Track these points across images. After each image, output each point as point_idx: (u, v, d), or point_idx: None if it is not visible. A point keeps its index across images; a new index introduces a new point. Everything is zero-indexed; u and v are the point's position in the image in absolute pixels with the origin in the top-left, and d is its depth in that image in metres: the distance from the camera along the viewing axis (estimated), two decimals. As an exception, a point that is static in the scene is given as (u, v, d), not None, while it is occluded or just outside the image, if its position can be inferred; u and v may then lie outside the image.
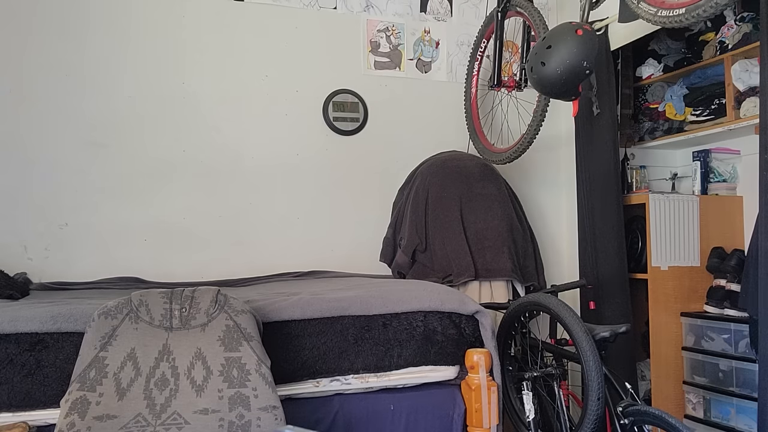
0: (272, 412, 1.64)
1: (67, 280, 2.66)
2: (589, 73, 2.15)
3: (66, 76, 2.78)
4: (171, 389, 1.61)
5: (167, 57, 2.94)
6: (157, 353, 1.66)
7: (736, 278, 2.89)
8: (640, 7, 1.91)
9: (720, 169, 3.31)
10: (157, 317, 1.71)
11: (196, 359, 1.65)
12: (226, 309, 1.78)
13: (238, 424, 1.59)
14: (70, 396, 1.56)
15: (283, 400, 1.74)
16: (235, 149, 3.02)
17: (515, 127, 3.17)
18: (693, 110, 3.16)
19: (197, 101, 2.97)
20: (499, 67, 2.86)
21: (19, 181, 2.70)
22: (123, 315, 1.70)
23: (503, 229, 2.85)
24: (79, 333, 1.70)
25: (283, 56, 3.12)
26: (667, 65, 3.33)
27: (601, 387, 1.92)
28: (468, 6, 3.46)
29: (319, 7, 3.20)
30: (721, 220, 3.19)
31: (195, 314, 1.74)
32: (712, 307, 2.98)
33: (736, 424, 2.74)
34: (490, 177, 3.00)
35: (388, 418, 1.91)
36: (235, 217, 2.98)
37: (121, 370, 1.62)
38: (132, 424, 1.55)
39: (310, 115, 3.15)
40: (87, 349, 1.64)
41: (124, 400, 1.58)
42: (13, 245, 2.67)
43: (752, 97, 2.79)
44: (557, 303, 2.17)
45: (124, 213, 2.83)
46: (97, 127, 2.82)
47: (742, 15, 2.89)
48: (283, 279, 2.86)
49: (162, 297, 1.76)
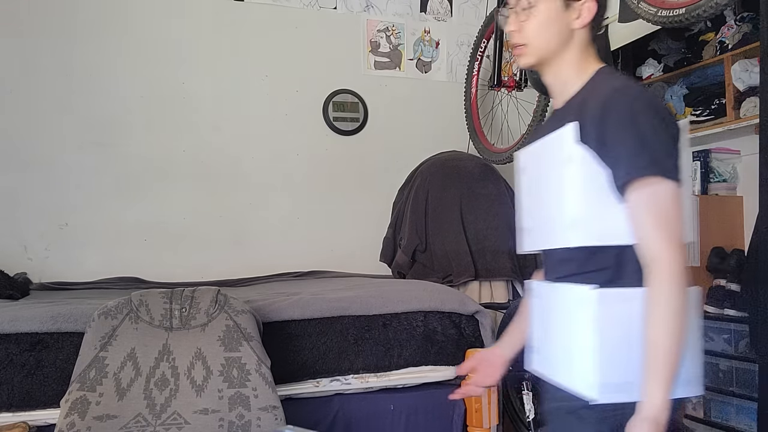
0: (272, 412, 1.64)
1: (67, 280, 2.66)
2: (589, 73, 2.15)
3: (66, 76, 2.78)
4: (171, 389, 1.61)
5: (167, 57, 2.94)
6: (157, 353, 1.66)
7: (736, 278, 2.89)
8: (640, 7, 1.91)
9: (720, 169, 3.31)
10: (157, 317, 1.71)
11: (196, 359, 1.65)
12: (226, 309, 1.78)
13: (238, 424, 1.59)
14: (70, 396, 1.56)
15: (283, 400, 1.73)
16: (235, 149, 3.02)
17: (515, 127, 3.16)
18: (693, 110, 3.16)
19: (197, 101, 2.97)
20: (499, 67, 2.86)
21: (19, 181, 2.70)
22: (123, 315, 1.70)
23: (503, 229, 2.85)
24: (79, 333, 1.70)
25: (283, 56, 3.12)
26: (667, 65, 3.32)
27: (601, 387, 1.92)
28: (468, 6, 3.46)
29: (319, 7, 3.20)
30: (721, 220, 3.18)
31: (195, 314, 1.74)
32: (712, 307, 2.97)
33: (736, 424, 2.74)
34: (490, 177, 3.00)
35: (388, 418, 1.91)
36: (235, 217, 2.98)
37: (121, 370, 1.61)
38: (132, 424, 1.55)
39: (310, 115, 3.15)
40: (87, 349, 1.64)
41: (124, 400, 1.58)
42: (13, 245, 2.67)
43: (752, 97, 2.79)
44: (557, 303, 2.17)
45: (124, 213, 2.83)
46: (97, 127, 2.82)
47: (742, 15, 2.88)
48: (283, 279, 2.86)
49: (162, 297, 1.76)
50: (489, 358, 1.48)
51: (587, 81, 1.20)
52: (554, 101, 1.29)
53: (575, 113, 1.15)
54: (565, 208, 1.15)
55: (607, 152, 1.09)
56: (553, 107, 1.31)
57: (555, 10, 1.19)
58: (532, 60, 1.23)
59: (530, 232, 1.33)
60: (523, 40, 1.22)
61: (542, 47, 1.21)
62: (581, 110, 1.14)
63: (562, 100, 1.24)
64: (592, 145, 1.10)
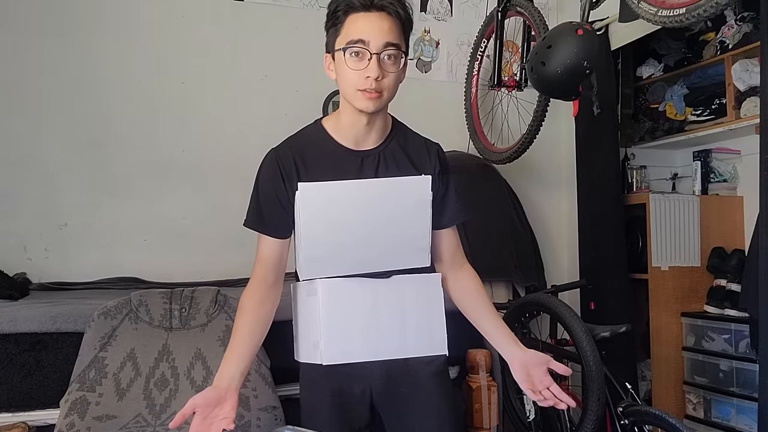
0: (272, 412, 1.64)
1: (66, 280, 2.65)
2: (589, 73, 2.15)
3: (65, 75, 2.78)
4: (171, 389, 1.61)
5: (167, 57, 2.93)
6: (157, 353, 1.66)
7: (736, 278, 2.89)
8: (640, 6, 1.91)
9: (720, 169, 3.31)
10: (156, 317, 1.71)
11: (196, 359, 1.65)
12: (226, 309, 1.78)
13: (238, 424, 1.59)
14: (69, 396, 1.56)
15: (283, 400, 1.73)
16: (235, 149, 3.01)
17: (515, 127, 3.16)
18: (693, 110, 3.16)
19: (197, 101, 2.97)
20: (499, 67, 2.86)
21: (19, 181, 2.69)
22: (123, 315, 1.70)
23: (503, 229, 2.85)
24: (78, 333, 1.70)
25: (283, 56, 3.11)
26: (667, 65, 3.33)
27: (601, 387, 1.92)
28: (468, 6, 3.45)
29: (319, 7, 3.20)
30: (722, 220, 3.18)
31: (195, 314, 1.74)
32: (713, 307, 2.97)
33: (736, 424, 2.74)
34: (491, 177, 3.00)
35: (388, 419, 1.90)
36: (235, 217, 2.95)
37: (121, 371, 1.61)
38: (132, 424, 1.55)
39: (310, 115, 3.07)
40: (86, 350, 1.64)
41: (123, 401, 1.57)
42: (13, 245, 2.66)
43: (752, 97, 2.79)
44: (557, 303, 2.17)
45: (124, 213, 2.82)
46: (96, 126, 2.81)
47: (742, 15, 2.88)
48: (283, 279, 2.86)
49: (162, 297, 1.76)
50: (215, 397, 1.27)
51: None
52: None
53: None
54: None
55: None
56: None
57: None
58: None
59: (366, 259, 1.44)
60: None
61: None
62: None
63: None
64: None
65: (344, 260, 1.42)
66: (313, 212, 1.38)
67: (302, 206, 1.37)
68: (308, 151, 1.43)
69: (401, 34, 1.35)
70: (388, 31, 1.32)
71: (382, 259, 1.43)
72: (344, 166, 1.40)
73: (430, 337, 1.47)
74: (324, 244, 1.40)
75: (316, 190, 1.37)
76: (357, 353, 1.41)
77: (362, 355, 1.41)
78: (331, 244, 1.40)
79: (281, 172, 1.40)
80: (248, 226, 1.47)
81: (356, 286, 1.42)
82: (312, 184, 1.37)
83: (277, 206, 1.42)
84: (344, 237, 1.40)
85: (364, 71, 1.31)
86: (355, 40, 1.31)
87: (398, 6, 1.34)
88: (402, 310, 1.45)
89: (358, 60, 1.32)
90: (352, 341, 1.41)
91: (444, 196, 1.48)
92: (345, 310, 1.42)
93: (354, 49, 1.31)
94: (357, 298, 1.42)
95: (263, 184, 1.44)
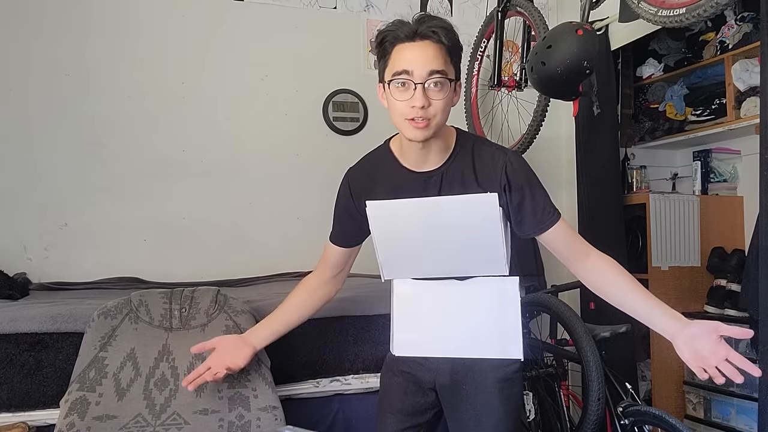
0: (272, 412, 1.64)
1: (66, 280, 2.65)
2: (589, 73, 2.15)
3: (66, 76, 2.78)
4: (171, 389, 1.61)
5: (167, 57, 2.93)
6: (157, 353, 1.66)
7: (736, 278, 2.89)
8: (640, 6, 1.91)
9: (720, 169, 3.31)
10: (156, 317, 1.71)
11: (196, 359, 1.64)
12: (225, 309, 1.78)
13: (238, 424, 1.59)
14: (69, 396, 1.56)
15: (283, 400, 1.73)
16: (234, 149, 3.01)
17: (515, 127, 3.16)
18: (693, 110, 3.16)
19: (197, 101, 2.97)
20: (499, 67, 2.86)
21: (19, 181, 2.69)
22: (123, 315, 1.70)
23: (503, 229, 2.84)
24: (78, 333, 1.70)
25: (283, 56, 3.11)
26: (667, 65, 3.33)
27: (601, 387, 1.92)
28: (468, 6, 3.46)
29: (319, 7, 3.20)
30: (722, 220, 3.18)
31: (195, 314, 1.74)
32: (713, 307, 2.97)
33: (736, 424, 2.74)
34: (491, 177, 2.99)
35: (388, 419, 1.90)
36: (235, 217, 2.98)
37: (121, 371, 1.61)
38: (132, 424, 1.54)
39: (310, 115, 3.14)
40: (86, 350, 1.64)
41: (123, 401, 1.57)
42: (13, 245, 2.66)
43: (752, 97, 2.79)
44: (557, 303, 2.17)
45: (124, 213, 2.82)
46: (97, 127, 2.81)
47: (742, 15, 2.89)
48: (283, 279, 2.86)
49: (162, 297, 1.76)
50: (235, 343, 1.58)
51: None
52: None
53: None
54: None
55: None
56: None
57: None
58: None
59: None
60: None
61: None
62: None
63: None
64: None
65: (418, 267, 1.52)
66: (382, 226, 1.49)
67: (372, 222, 1.48)
68: (376, 171, 1.55)
69: (447, 60, 1.37)
70: (432, 59, 1.34)
71: (456, 268, 1.50)
72: (409, 186, 1.47)
73: (503, 340, 1.49)
74: (397, 254, 1.52)
75: (382, 208, 1.46)
76: (425, 348, 1.52)
77: (430, 350, 1.51)
78: (403, 254, 1.51)
79: (350, 192, 1.56)
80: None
81: (430, 287, 1.52)
82: (378, 202, 1.46)
83: (346, 220, 1.57)
84: (414, 249, 1.49)
85: (410, 101, 1.35)
86: (399, 71, 1.35)
87: (442, 34, 1.35)
88: (475, 311, 1.50)
89: (404, 90, 1.35)
90: (421, 337, 1.52)
91: (519, 207, 1.44)
92: (416, 308, 1.54)
93: (399, 79, 1.35)
94: (429, 297, 1.52)
95: (337, 201, 1.61)
